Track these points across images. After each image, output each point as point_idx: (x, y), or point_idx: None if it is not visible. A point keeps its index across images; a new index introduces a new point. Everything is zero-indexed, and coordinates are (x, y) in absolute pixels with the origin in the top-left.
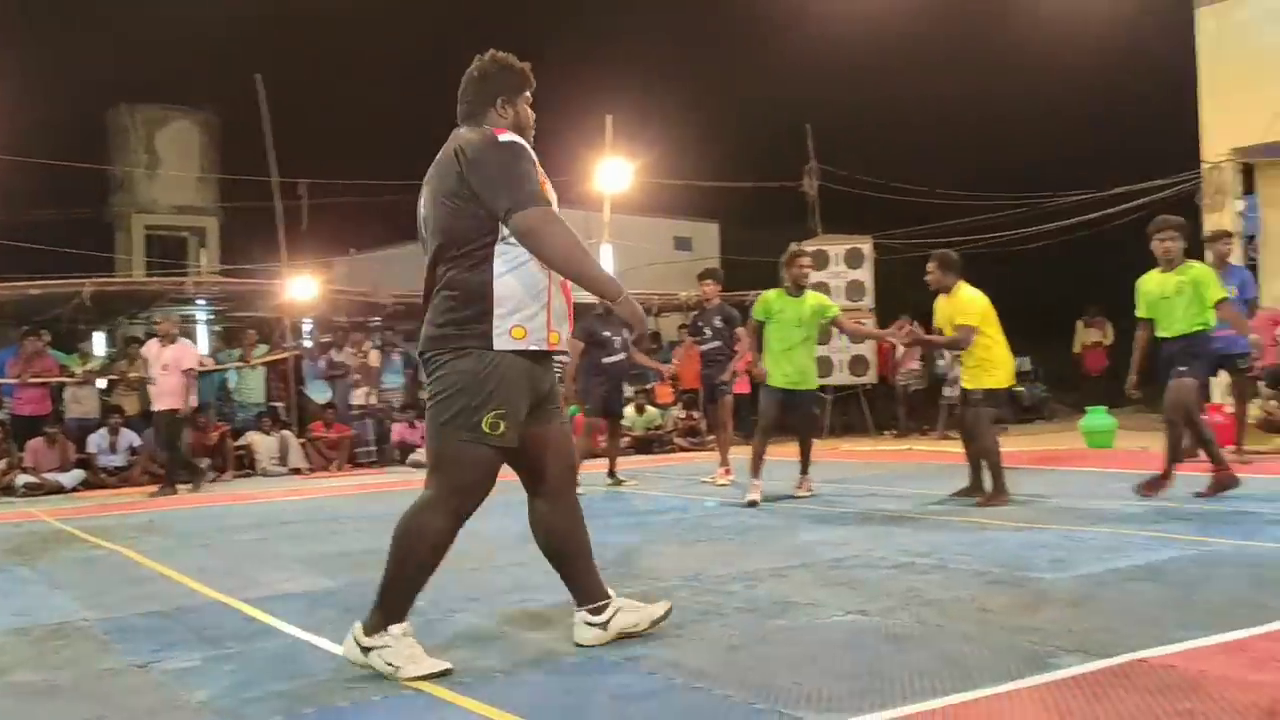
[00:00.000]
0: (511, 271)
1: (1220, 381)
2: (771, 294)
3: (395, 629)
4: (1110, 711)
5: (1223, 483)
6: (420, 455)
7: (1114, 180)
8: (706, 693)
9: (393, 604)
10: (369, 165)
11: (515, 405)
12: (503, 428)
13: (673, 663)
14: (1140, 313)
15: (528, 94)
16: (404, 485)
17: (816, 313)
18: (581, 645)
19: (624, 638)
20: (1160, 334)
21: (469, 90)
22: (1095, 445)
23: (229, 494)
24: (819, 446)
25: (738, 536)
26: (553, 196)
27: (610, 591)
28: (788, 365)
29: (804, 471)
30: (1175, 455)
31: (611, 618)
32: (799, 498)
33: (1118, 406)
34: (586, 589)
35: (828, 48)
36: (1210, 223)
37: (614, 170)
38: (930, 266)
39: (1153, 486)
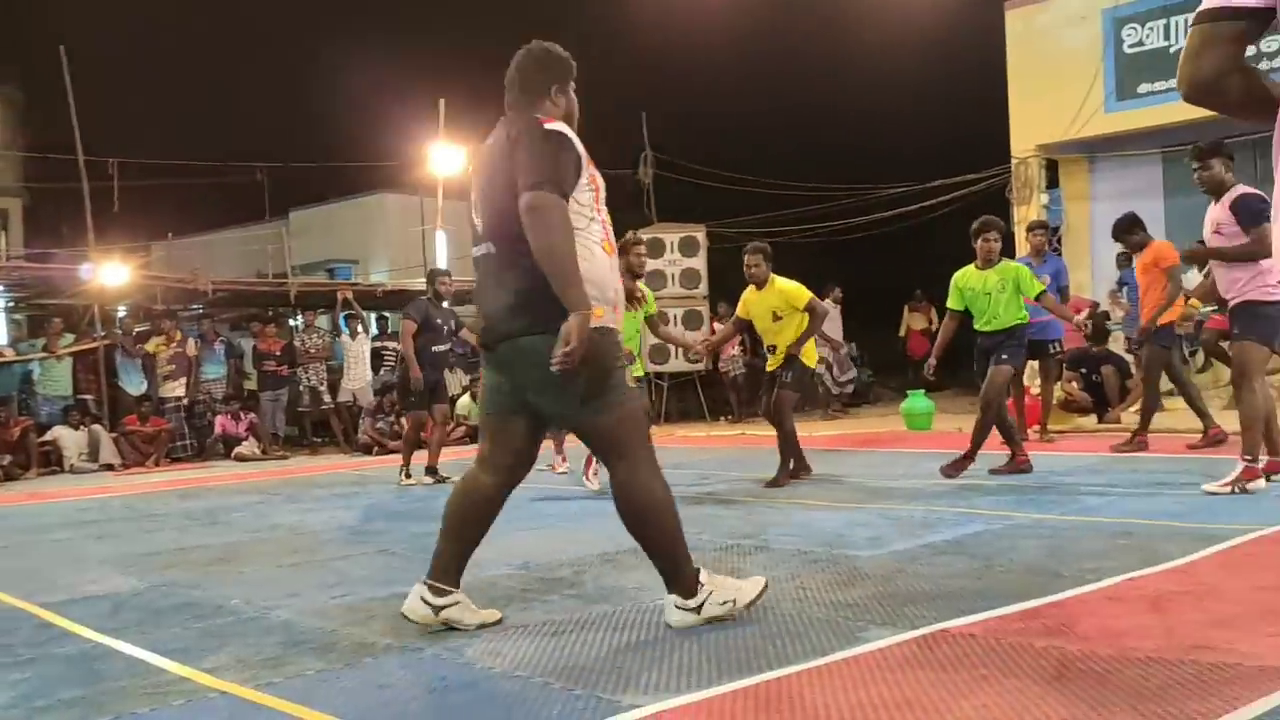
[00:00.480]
0: (587, 252)
1: (1030, 366)
2: None
3: (703, 575)
4: (912, 679)
5: (1018, 467)
6: (245, 449)
7: (937, 172)
8: (525, 681)
9: (679, 565)
10: (189, 146)
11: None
12: (630, 371)
13: (493, 652)
14: (952, 304)
15: (573, 82)
16: (225, 480)
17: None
18: (408, 619)
19: (448, 628)
20: (980, 327)
21: (519, 79)
22: (914, 428)
23: (30, 493)
24: (655, 433)
25: (569, 523)
26: (600, 185)
27: (460, 584)
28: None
29: None
30: (980, 439)
31: (447, 607)
32: None
33: (937, 390)
34: (446, 567)
35: (664, 37)
36: (1019, 215)
37: (447, 155)
38: (756, 260)
39: (956, 466)
